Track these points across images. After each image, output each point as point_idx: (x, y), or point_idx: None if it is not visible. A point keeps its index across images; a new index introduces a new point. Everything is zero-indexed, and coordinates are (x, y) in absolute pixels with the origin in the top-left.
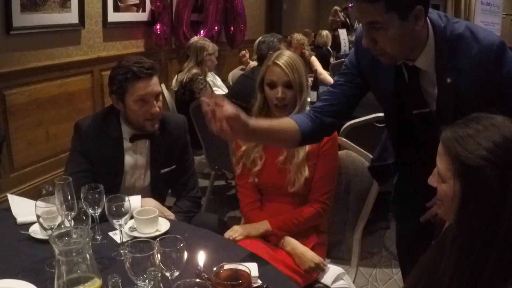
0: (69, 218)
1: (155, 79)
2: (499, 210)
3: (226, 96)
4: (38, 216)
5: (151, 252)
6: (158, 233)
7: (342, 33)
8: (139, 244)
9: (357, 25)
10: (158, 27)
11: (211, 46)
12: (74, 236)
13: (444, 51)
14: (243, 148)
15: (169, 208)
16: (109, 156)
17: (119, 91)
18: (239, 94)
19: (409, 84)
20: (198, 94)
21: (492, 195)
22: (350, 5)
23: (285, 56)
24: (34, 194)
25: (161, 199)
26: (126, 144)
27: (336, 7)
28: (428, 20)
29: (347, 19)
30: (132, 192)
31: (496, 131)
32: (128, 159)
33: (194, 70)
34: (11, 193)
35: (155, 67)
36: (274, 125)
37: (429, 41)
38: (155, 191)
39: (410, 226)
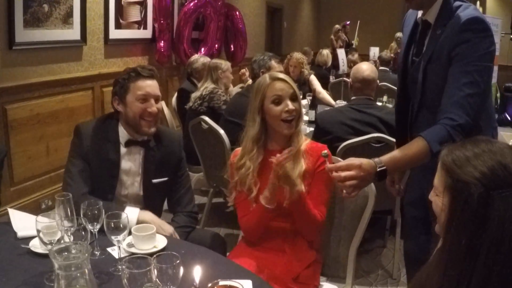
0: (69, 234)
1: (155, 82)
2: (481, 226)
3: (224, 114)
4: (38, 231)
5: (148, 268)
6: (155, 249)
7: (341, 52)
8: (137, 260)
9: (356, 43)
10: (162, 44)
11: (223, 64)
12: (74, 251)
13: (446, 10)
14: (236, 178)
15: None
16: (106, 158)
17: (121, 91)
18: (235, 112)
19: (418, 35)
20: (223, 106)
21: (474, 212)
22: (347, 22)
23: (281, 72)
24: (33, 208)
25: (155, 212)
26: (122, 149)
27: (337, 26)
28: None
29: (346, 37)
30: (125, 198)
31: (493, 156)
32: (124, 163)
33: (212, 86)
34: (11, 207)
35: (156, 73)
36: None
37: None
38: (148, 201)
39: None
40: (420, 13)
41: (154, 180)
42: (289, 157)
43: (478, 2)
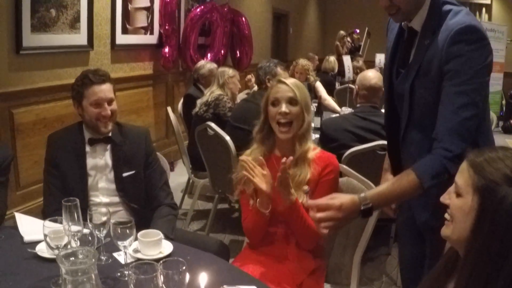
0: (75, 239)
1: (107, 86)
2: None
3: (229, 119)
4: (45, 236)
5: (154, 274)
6: (161, 255)
7: (346, 59)
8: (143, 266)
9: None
10: (166, 50)
11: (231, 70)
12: (80, 256)
13: (434, 15)
14: (240, 173)
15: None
16: (73, 158)
17: (77, 96)
18: (241, 117)
19: (403, 44)
20: (228, 112)
21: (508, 212)
22: (357, 30)
23: (291, 78)
24: (38, 212)
25: (136, 205)
26: (87, 147)
27: (342, 32)
28: None
29: (353, 44)
30: (98, 193)
31: None
32: (90, 161)
33: (218, 92)
34: (16, 211)
35: (109, 76)
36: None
37: (426, 4)
38: (122, 193)
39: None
40: None
41: (124, 174)
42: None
43: (484, 9)
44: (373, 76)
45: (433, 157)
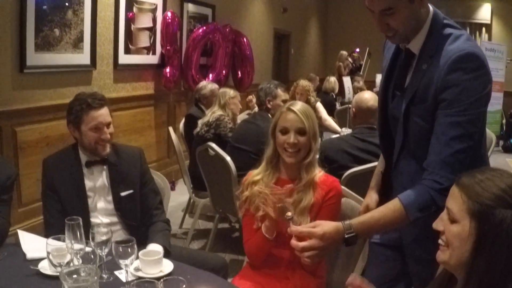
0: (78, 257)
1: (106, 110)
2: None
3: (230, 140)
4: (48, 253)
5: None
6: (161, 273)
7: (347, 80)
8: (144, 284)
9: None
10: (168, 70)
11: (232, 91)
12: (83, 274)
13: (433, 39)
14: (247, 193)
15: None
16: (71, 181)
17: (75, 121)
18: (241, 138)
19: (400, 65)
20: (229, 133)
21: (508, 233)
22: (357, 50)
23: (299, 104)
24: (40, 230)
25: (132, 223)
26: (84, 169)
27: (344, 52)
28: (431, 9)
29: (353, 64)
30: (98, 213)
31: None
32: (87, 182)
33: (219, 112)
34: (19, 228)
35: (106, 100)
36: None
37: (425, 26)
38: (120, 213)
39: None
40: None
41: (122, 193)
42: (285, 193)
43: (484, 29)
44: (369, 97)
45: (421, 188)
